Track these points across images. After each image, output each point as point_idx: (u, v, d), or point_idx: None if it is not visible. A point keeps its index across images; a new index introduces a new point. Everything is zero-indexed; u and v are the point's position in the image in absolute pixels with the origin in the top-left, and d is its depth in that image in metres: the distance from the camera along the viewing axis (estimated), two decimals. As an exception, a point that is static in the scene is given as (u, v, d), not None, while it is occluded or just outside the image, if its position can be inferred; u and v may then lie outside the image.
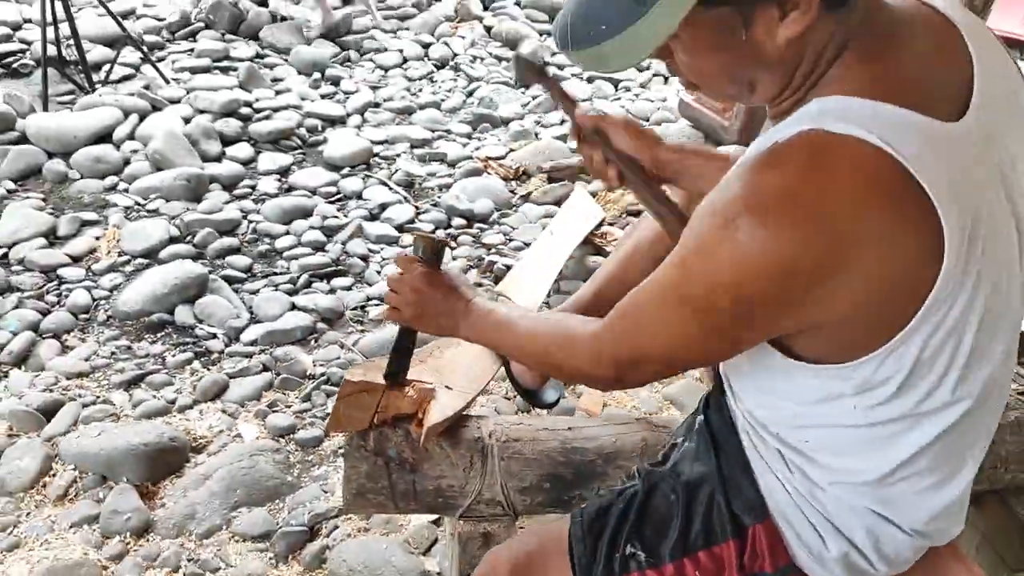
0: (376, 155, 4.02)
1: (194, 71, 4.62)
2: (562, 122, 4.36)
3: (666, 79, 4.92)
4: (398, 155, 4.04)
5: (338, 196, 3.69)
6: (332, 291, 3.06)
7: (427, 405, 1.43)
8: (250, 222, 3.45)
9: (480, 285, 3.00)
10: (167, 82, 4.43)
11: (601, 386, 1.20)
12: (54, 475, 2.24)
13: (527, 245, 3.21)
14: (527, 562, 1.22)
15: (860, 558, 1.03)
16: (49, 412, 2.42)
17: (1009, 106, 0.91)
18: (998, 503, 1.73)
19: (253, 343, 2.79)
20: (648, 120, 4.45)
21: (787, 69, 0.85)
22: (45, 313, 2.86)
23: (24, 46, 4.67)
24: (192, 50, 4.88)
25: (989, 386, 0.92)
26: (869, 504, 1.00)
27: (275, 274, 3.16)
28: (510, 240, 3.38)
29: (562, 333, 1.13)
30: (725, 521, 1.10)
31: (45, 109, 4.05)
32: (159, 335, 2.82)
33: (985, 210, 0.83)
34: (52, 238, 3.26)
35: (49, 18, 4.14)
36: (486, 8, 5.86)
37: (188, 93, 4.31)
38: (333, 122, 4.32)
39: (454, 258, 3.24)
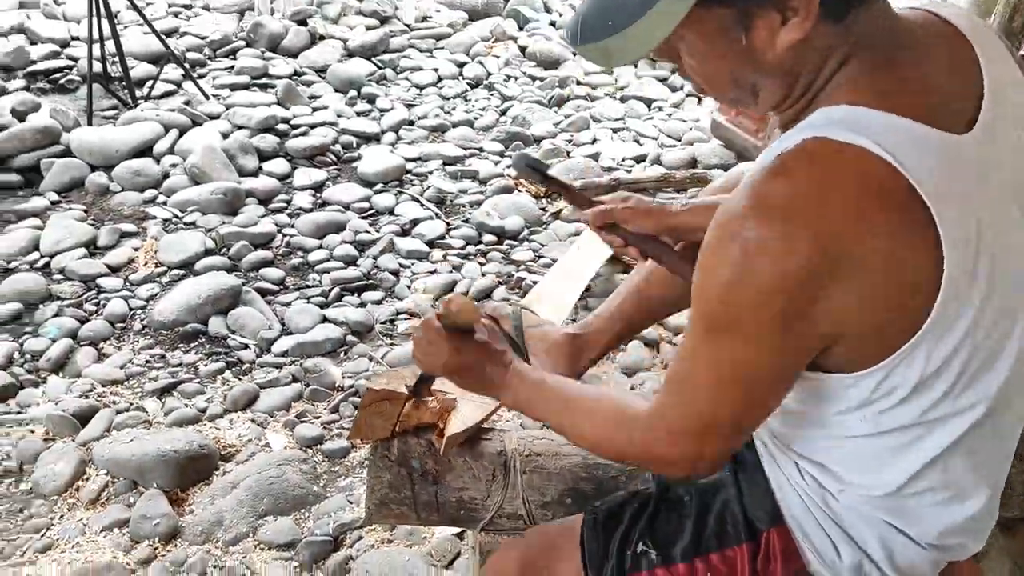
0: (409, 172, 4.07)
1: (234, 88, 4.73)
2: (595, 155, 4.37)
3: (699, 99, 4.91)
4: (430, 172, 4.08)
5: (371, 211, 3.73)
6: (363, 304, 3.10)
7: (448, 415, 1.44)
8: (284, 236, 3.51)
9: (507, 300, 3.01)
10: (207, 98, 4.53)
11: (679, 469, 1.00)
12: (87, 479, 2.29)
13: (556, 262, 3.21)
14: (537, 557, 1.22)
15: (874, 569, 1.02)
16: (84, 418, 2.48)
17: (1020, 116, 0.90)
18: (1031, 530, 1.69)
19: (284, 354, 2.82)
20: (680, 140, 4.44)
21: (789, 76, 0.86)
22: (83, 321, 2.94)
23: (71, 62, 4.82)
24: (232, 67, 4.98)
25: (1002, 396, 0.91)
26: (882, 515, 1.00)
27: (307, 287, 3.20)
28: (539, 257, 3.39)
29: (621, 415, 1.05)
30: (739, 524, 1.10)
31: (89, 123, 4.16)
32: (192, 345, 2.87)
33: (993, 220, 0.83)
34: (92, 248, 3.35)
35: (96, 36, 4.27)
36: (521, 28, 5.91)
37: (227, 109, 4.40)
38: (368, 139, 4.38)
39: (483, 274, 3.26)
